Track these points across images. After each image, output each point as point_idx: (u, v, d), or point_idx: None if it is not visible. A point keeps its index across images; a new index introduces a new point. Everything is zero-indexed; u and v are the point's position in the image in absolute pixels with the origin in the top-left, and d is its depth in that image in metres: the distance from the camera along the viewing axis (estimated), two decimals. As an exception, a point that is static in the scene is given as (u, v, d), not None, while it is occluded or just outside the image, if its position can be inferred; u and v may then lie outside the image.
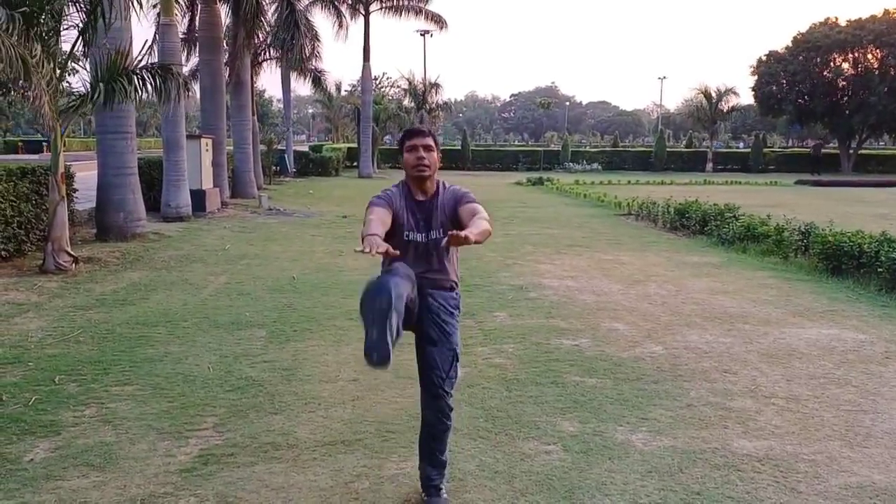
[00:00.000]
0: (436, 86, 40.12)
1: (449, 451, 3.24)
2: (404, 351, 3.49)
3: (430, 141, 3.08)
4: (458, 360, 3.12)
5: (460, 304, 3.23)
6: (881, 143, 66.76)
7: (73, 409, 4.11)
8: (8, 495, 3.13)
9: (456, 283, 3.22)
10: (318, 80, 27.51)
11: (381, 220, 2.93)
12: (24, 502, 3.07)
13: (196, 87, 18.35)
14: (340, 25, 28.59)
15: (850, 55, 39.89)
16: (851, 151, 40.70)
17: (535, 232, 12.70)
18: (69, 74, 9.08)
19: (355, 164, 34.42)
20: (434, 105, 41.01)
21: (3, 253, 8.36)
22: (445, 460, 3.20)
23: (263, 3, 19.05)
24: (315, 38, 21.20)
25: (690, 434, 3.87)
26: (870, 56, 39.68)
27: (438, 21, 32.41)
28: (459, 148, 43.09)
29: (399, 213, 3.07)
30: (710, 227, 11.84)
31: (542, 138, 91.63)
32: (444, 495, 3.14)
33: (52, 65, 7.96)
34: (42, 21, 7.85)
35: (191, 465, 3.44)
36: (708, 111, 42.01)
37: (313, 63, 25.08)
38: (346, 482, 3.29)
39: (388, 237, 2.91)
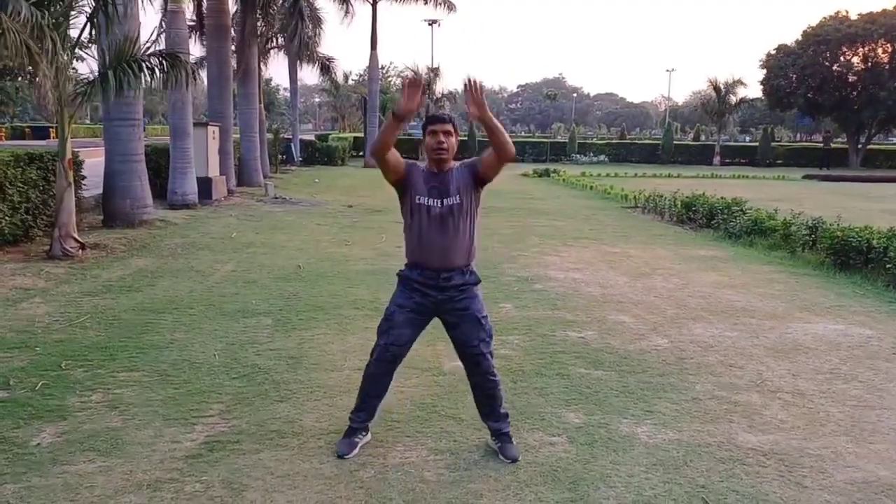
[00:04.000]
0: (435, 70, 39.93)
1: (505, 402, 3.55)
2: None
3: (449, 127, 3.30)
4: (485, 323, 3.40)
5: (476, 277, 3.43)
6: (890, 139, 66.39)
7: (80, 394, 4.13)
8: (15, 479, 3.14)
9: (468, 264, 3.40)
10: (326, 68, 27.39)
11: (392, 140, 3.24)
12: (31, 486, 3.09)
13: (203, 75, 18.32)
14: (347, 13, 28.49)
15: (861, 49, 39.56)
16: (860, 146, 40.43)
17: (541, 224, 12.68)
18: (77, 61, 9.07)
19: (361, 153, 34.39)
20: (440, 95, 40.89)
21: (10, 238, 8.38)
22: (506, 412, 3.53)
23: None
24: (318, 25, 21.07)
25: (695, 427, 3.87)
26: (880, 50, 39.35)
27: (447, 4, 32.11)
28: (466, 138, 42.99)
29: (411, 174, 3.33)
30: (717, 221, 11.80)
31: (548, 130, 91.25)
32: (514, 442, 3.49)
33: (61, 51, 7.94)
34: (53, 9, 7.83)
35: (196, 451, 3.45)
36: (716, 104, 41.78)
37: (319, 50, 24.97)
38: (351, 470, 3.30)
39: (404, 198, 3.37)
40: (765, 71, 42.10)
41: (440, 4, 32.05)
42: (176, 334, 5.36)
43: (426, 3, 31.45)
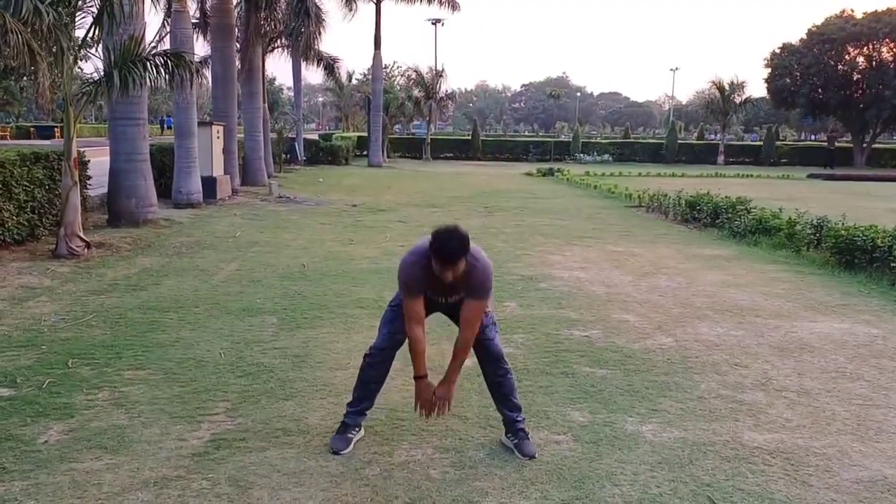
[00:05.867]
0: (440, 73, 39.92)
1: (519, 394, 3.64)
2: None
3: (461, 265, 3.18)
4: (493, 323, 3.53)
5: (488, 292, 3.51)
6: (895, 137, 66.17)
7: (87, 392, 4.15)
8: (23, 476, 3.16)
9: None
10: (330, 67, 27.38)
11: (421, 322, 3.36)
12: (39, 483, 3.10)
13: (207, 74, 18.35)
14: (350, 10, 28.45)
15: (865, 48, 39.46)
16: (865, 145, 40.33)
17: (545, 223, 12.67)
18: (82, 61, 9.07)
19: (365, 152, 34.38)
20: (443, 95, 40.88)
21: (16, 237, 8.41)
22: (519, 403, 3.58)
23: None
24: (321, 24, 21.03)
25: (701, 426, 3.87)
26: (885, 49, 39.24)
27: (452, 4, 32.09)
28: (469, 138, 43.01)
29: (422, 291, 3.36)
30: (721, 220, 11.78)
31: (552, 129, 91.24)
32: (531, 438, 3.53)
33: (67, 51, 7.96)
34: (59, 10, 7.84)
35: (203, 449, 3.46)
36: (720, 103, 41.69)
37: (323, 50, 24.97)
38: (356, 468, 3.31)
39: None
40: (769, 70, 42.02)
41: (444, 4, 32.02)
42: (181, 333, 5.38)
43: (430, 2, 31.41)
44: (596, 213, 14.37)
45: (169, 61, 8.92)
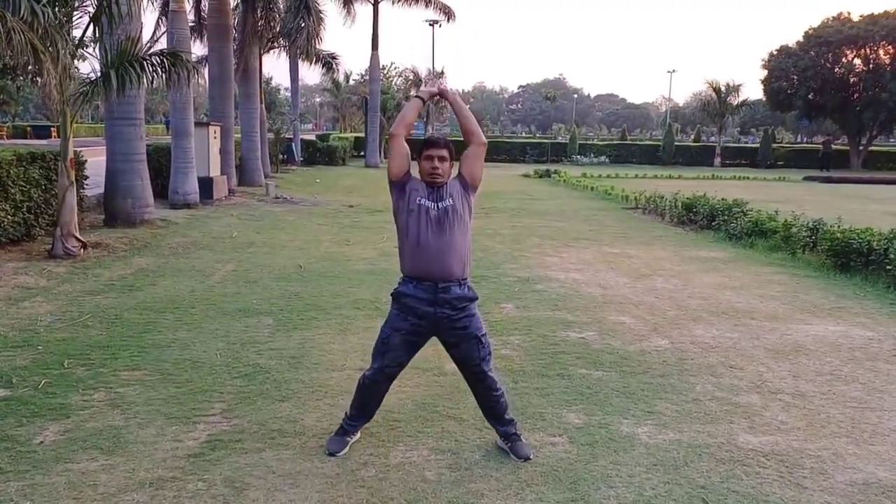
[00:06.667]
0: (441, 74, 39.90)
1: (511, 410, 3.61)
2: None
3: (445, 152, 3.41)
4: (484, 341, 3.44)
5: (474, 293, 3.46)
6: (892, 140, 66.36)
7: (82, 392, 4.14)
8: (18, 477, 3.16)
9: (465, 277, 3.42)
10: (329, 65, 27.32)
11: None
12: (34, 484, 3.10)
13: (205, 74, 18.34)
14: (348, 13, 28.45)
15: (862, 51, 39.54)
16: (861, 148, 40.41)
17: (542, 224, 12.69)
18: (79, 60, 9.06)
19: (362, 153, 34.34)
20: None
21: (12, 237, 8.40)
22: (512, 418, 3.58)
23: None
24: (320, 23, 21.02)
25: (696, 428, 3.88)
26: (882, 52, 39.32)
27: (447, 12, 32.18)
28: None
29: (411, 178, 3.43)
30: (717, 222, 11.80)
31: (549, 130, 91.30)
32: (525, 441, 3.54)
33: (65, 51, 7.95)
34: (57, 10, 7.84)
35: (199, 450, 3.46)
36: (717, 105, 41.77)
37: (321, 48, 24.92)
38: (352, 470, 3.31)
39: (401, 203, 3.39)
40: (766, 72, 42.10)
41: (440, 10, 32.05)
42: (177, 333, 5.38)
43: (427, 4, 31.41)
44: (592, 215, 14.39)
45: (166, 61, 8.92)
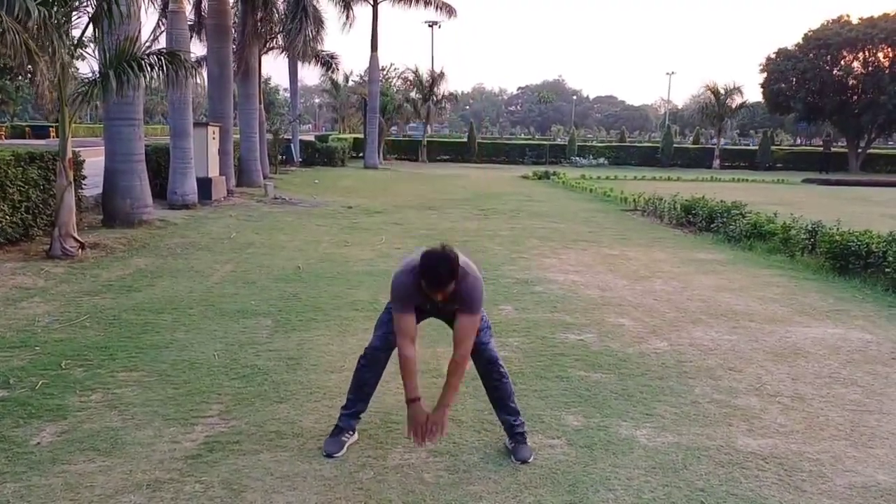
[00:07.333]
0: (441, 74, 39.93)
1: (516, 398, 3.65)
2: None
3: (450, 289, 3.18)
4: (487, 326, 3.52)
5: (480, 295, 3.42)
6: (890, 143, 66.44)
7: (80, 393, 4.13)
8: (15, 478, 3.14)
9: None
10: (328, 65, 27.31)
11: (412, 339, 3.31)
12: (31, 485, 3.09)
13: (204, 75, 18.33)
14: (348, 16, 28.45)
15: (861, 53, 39.64)
16: (860, 150, 40.50)
17: (540, 226, 12.68)
18: (78, 61, 9.05)
19: (361, 154, 34.35)
20: (440, 97, 40.90)
21: (10, 237, 8.38)
22: (517, 407, 3.60)
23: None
24: (320, 25, 21.02)
25: (695, 431, 3.87)
26: (881, 55, 39.43)
27: (448, 10, 32.14)
28: (466, 140, 43.06)
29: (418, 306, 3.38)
30: (716, 224, 11.81)
31: (548, 132, 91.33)
32: (528, 442, 3.54)
33: (63, 51, 7.94)
34: (56, 10, 7.82)
35: (196, 451, 3.45)
36: (716, 107, 41.84)
37: (320, 48, 24.90)
38: (350, 472, 3.30)
39: None
40: (765, 74, 42.18)
41: (440, 9, 32.04)
42: (175, 334, 5.36)
43: (427, 4, 31.41)
44: (591, 217, 14.38)
45: (164, 60, 8.90)
